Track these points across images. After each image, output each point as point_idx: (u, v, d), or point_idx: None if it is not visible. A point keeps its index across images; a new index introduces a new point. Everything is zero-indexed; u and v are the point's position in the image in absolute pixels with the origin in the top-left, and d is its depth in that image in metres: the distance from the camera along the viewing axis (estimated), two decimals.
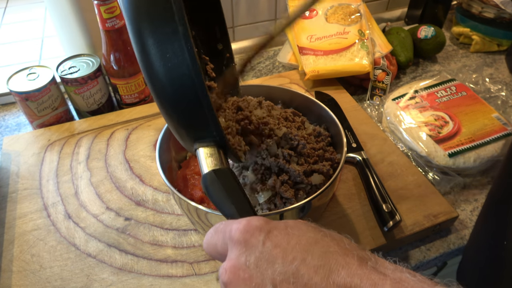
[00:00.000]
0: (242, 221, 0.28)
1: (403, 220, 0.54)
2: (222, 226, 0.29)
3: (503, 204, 0.44)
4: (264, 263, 0.25)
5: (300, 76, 0.83)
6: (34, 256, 0.52)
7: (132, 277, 0.50)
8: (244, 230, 0.27)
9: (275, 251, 0.26)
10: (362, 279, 0.24)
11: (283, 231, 0.27)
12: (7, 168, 0.64)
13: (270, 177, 0.47)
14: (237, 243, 0.27)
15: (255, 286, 0.25)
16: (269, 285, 0.25)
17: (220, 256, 0.29)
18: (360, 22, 0.83)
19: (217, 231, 0.30)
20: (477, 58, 0.95)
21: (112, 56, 0.69)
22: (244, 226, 0.27)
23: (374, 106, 0.78)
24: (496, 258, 0.45)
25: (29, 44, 1.00)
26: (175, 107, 0.35)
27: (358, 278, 0.24)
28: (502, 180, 0.45)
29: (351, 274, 0.24)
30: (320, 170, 0.48)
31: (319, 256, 0.25)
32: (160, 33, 0.31)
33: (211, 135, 0.35)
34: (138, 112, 0.74)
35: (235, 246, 0.27)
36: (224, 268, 0.27)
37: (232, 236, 0.27)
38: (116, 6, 0.64)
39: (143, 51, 0.32)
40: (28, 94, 0.65)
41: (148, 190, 0.60)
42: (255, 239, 0.26)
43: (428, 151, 0.64)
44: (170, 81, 0.33)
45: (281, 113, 0.54)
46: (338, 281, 0.24)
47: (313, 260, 0.25)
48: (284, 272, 0.25)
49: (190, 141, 0.36)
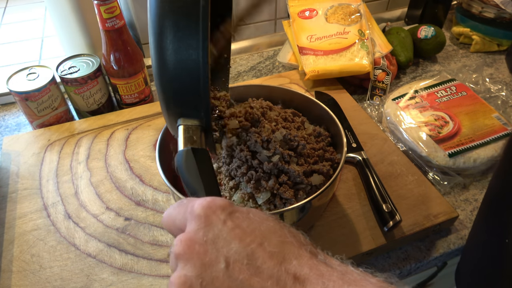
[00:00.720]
0: (207, 198, 0.28)
1: (403, 220, 0.54)
2: (186, 200, 0.30)
3: (501, 203, 0.44)
4: (222, 241, 0.26)
5: (300, 76, 0.83)
6: (34, 256, 0.52)
7: (132, 277, 0.50)
8: (207, 206, 0.27)
9: (235, 231, 0.26)
10: (311, 269, 0.25)
11: (245, 215, 0.28)
12: (7, 168, 0.64)
13: (269, 180, 0.47)
14: (197, 217, 0.27)
15: (208, 262, 0.25)
16: (222, 262, 0.25)
17: (176, 230, 0.29)
18: (360, 22, 0.83)
19: (180, 204, 0.30)
20: (477, 58, 0.95)
21: (112, 56, 0.69)
22: (208, 203, 0.27)
23: (374, 106, 0.78)
24: (495, 257, 0.45)
25: (29, 44, 1.00)
26: (174, 80, 0.35)
27: (307, 268, 0.25)
28: (498, 179, 0.46)
29: (302, 264, 0.25)
30: (320, 170, 0.48)
31: (275, 244, 0.26)
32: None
33: (198, 115, 0.36)
34: (138, 112, 0.74)
35: (195, 220, 0.27)
36: (180, 240, 0.27)
37: (194, 210, 0.27)
38: (116, 6, 0.64)
39: (159, 19, 0.33)
40: (28, 94, 0.65)
41: (148, 190, 0.60)
42: (217, 216, 0.27)
43: (428, 151, 0.64)
44: (176, 56, 0.34)
45: (281, 114, 0.54)
46: (289, 269, 0.25)
47: (269, 246, 0.26)
48: (239, 252, 0.25)
49: (175, 116, 0.37)
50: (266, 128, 0.48)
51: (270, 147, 0.47)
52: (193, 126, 0.36)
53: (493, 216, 0.46)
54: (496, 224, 0.45)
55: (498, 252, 0.44)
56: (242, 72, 0.91)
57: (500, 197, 0.44)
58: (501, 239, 0.42)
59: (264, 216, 0.28)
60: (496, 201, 0.45)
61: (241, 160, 0.47)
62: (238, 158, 0.48)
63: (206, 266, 0.25)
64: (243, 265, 0.25)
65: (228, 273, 0.25)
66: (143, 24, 0.85)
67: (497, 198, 0.45)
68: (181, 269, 0.26)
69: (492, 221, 0.47)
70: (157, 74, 0.35)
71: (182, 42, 0.33)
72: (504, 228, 0.42)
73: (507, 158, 0.43)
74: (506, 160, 0.44)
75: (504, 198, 0.43)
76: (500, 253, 0.43)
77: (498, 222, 0.45)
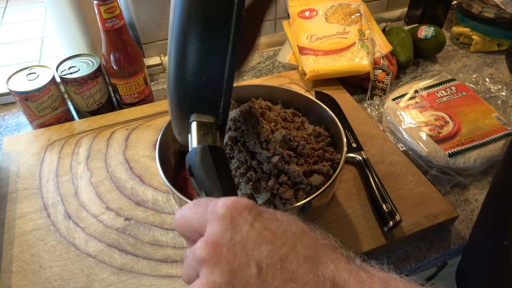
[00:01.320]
0: (231, 198, 0.26)
1: (403, 220, 0.54)
2: (204, 200, 0.27)
3: (501, 204, 0.44)
4: (251, 243, 0.24)
5: (300, 76, 0.83)
6: (34, 256, 0.52)
7: (132, 277, 0.50)
8: (233, 206, 0.25)
9: (264, 233, 0.24)
10: (351, 275, 0.23)
11: (273, 216, 0.26)
12: (7, 168, 0.64)
13: (267, 180, 0.47)
14: (221, 218, 0.25)
15: (237, 267, 0.23)
16: (253, 267, 0.23)
17: (192, 233, 0.27)
18: (360, 22, 0.83)
19: (197, 204, 0.27)
20: (477, 58, 0.95)
21: (112, 56, 0.69)
22: (233, 203, 0.25)
23: (374, 106, 0.78)
24: (496, 258, 0.45)
25: (29, 44, 1.00)
26: (198, 74, 0.34)
27: (346, 273, 0.23)
28: (499, 179, 0.45)
29: (340, 268, 0.23)
30: (320, 170, 0.48)
31: (309, 246, 0.24)
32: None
33: (215, 111, 0.34)
34: (138, 112, 0.74)
35: (219, 221, 0.25)
36: (205, 242, 0.24)
37: (217, 211, 0.25)
38: (116, 6, 0.64)
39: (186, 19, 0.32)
40: (28, 94, 0.65)
41: (148, 190, 0.60)
42: (243, 217, 0.25)
43: (428, 151, 0.64)
44: (203, 48, 0.33)
45: (280, 114, 0.54)
46: (326, 274, 0.23)
47: (303, 249, 0.24)
48: (272, 256, 0.23)
49: (188, 111, 0.35)
50: (265, 128, 0.48)
51: (269, 148, 0.47)
52: (208, 123, 0.34)
53: (493, 216, 0.46)
54: (496, 225, 0.45)
55: (498, 252, 0.44)
56: (241, 72, 0.90)
57: (500, 197, 0.44)
58: (501, 240, 0.42)
59: (291, 217, 0.26)
60: (496, 201, 0.45)
61: (240, 160, 0.47)
62: (237, 159, 0.48)
63: (236, 271, 0.23)
64: (276, 269, 0.23)
65: (261, 278, 0.23)
66: (143, 24, 0.85)
67: (498, 199, 0.45)
68: (208, 275, 0.23)
69: (492, 221, 0.47)
70: (176, 63, 0.34)
71: (211, 33, 0.32)
72: (504, 229, 0.42)
73: (508, 158, 0.43)
74: (507, 161, 0.44)
75: (505, 199, 0.43)
76: (500, 254, 0.43)
77: (498, 222, 0.45)
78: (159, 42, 0.89)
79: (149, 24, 0.85)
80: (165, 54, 0.91)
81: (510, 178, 0.42)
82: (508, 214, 0.42)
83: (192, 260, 0.25)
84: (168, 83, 0.36)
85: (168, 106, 0.39)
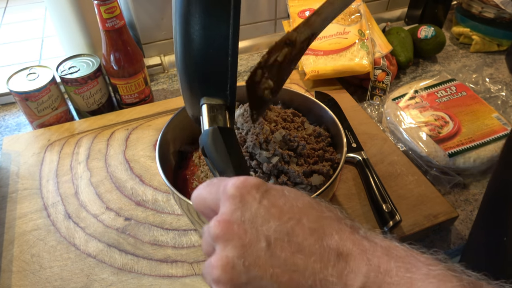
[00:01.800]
0: (240, 178, 0.27)
1: (403, 220, 0.54)
2: (217, 180, 0.29)
3: (500, 204, 0.44)
4: (260, 219, 0.25)
5: (300, 76, 0.83)
6: (34, 256, 0.52)
7: (132, 277, 0.50)
8: (242, 185, 0.27)
9: (272, 209, 0.26)
10: (354, 244, 0.24)
11: (280, 192, 0.27)
12: (7, 168, 0.64)
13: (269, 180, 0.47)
14: (231, 197, 0.26)
15: (248, 242, 0.25)
16: (263, 241, 0.25)
17: (207, 210, 0.29)
18: (360, 22, 0.83)
19: (210, 184, 0.29)
20: (477, 58, 0.95)
21: (112, 56, 0.69)
22: (241, 182, 0.27)
23: (374, 106, 0.78)
24: (495, 254, 0.45)
25: (29, 44, 1.00)
26: (201, 56, 0.35)
27: (350, 243, 0.24)
28: (497, 180, 0.46)
29: (344, 238, 0.25)
30: (320, 170, 0.48)
31: (314, 219, 0.25)
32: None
33: (223, 93, 0.36)
34: (138, 112, 0.74)
35: (229, 200, 0.26)
36: (218, 221, 0.26)
37: (227, 190, 0.27)
38: (116, 6, 0.64)
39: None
40: (28, 94, 0.65)
41: (148, 190, 0.60)
42: (252, 196, 0.26)
43: (428, 151, 0.64)
44: (205, 31, 0.34)
45: (280, 114, 0.54)
46: (331, 244, 0.24)
47: (308, 222, 0.25)
48: (279, 230, 0.25)
49: (198, 95, 0.37)
50: (265, 129, 0.48)
51: (269, 148, 0.47)
52: (217, 105, 0.36)
53: (491, 215, 0.46)
54: (494, 223, 0.45)
55: (497, 249, 0.44)
56: (242, 72, 0.91)
57: (498, 197, 0.44)
58: (500, 237, 0.42)
59: (299, 192, 0.28)
60: (494, 201, 0.45)
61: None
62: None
63: (247, 246, 0.25)
64: (284, 242, 0.25)
65: (270, 251, 0.24)
66: (143, 24, 0.85)
67: (495, 198, 0.45)
68: (222, 250, 0.25)
69: (490, 220, 0.47)
70: (182, 50, 0.35)
71: (212, 17, 0.33)
72: (502, 226, 0.42)
73: (503, 160, 0.43)
74: (503, 163, 0.44)
75: (503, 199, 0.43)
76: (498, 250, 0.44)
77: (496, 220, 0.45)
78: (159, 42, 0.89)
79: (149, 24, 0.85)
80: (165, 54, 0.91)
81: (506, 180, 0.42)
82: (507, 213, 0.42)
83: (208, 237, 0.27)
84: (177, 69, 0.37)
85: (180, 90, 0.40)
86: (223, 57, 0.34)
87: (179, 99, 0.77)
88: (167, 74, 0.90)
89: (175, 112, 0.55)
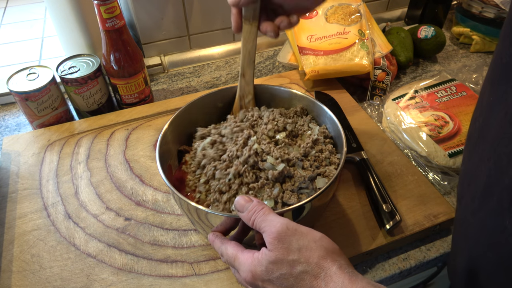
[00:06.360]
0: (249, 274, 0.36)
1: (403, 220, 0.54)
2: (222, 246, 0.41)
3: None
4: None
5: (300, 76, 0.83)
6: (34, 256, 0.52)
7: (132, 277, 0.50)
8: (250, 282, 0.37)
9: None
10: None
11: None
12: (7, 168, 0.64)
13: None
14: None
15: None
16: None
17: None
18: (360, 22, 0.83)
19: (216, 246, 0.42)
20: (477, 58, 0.95)
21: (112, 56, 0.69)
22: (250, 278, 0.37)
23: (374, 106, 0.78)
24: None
25: (29, 44, 1.01)
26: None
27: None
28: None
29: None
30: (326, 173, 0.48)
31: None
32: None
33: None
34: (138, 112, 0.74)
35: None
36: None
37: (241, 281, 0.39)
38: (116, 6, 0.64)
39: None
40: (28, 94, 0.65)
41: (148, 190, 0.60)
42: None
43: (428, 151, 0.64)
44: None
45: (278, 122, 0.54)
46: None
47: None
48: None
49: None
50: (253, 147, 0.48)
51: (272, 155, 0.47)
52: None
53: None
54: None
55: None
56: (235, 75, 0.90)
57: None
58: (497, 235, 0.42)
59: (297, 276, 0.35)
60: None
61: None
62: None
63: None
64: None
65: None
66: (143, 24, 0.85)
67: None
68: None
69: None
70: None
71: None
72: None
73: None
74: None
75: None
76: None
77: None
78: (159, 42, 0.89)
79: (149, 24, 0.85)
80: (165, 54, 0.91)
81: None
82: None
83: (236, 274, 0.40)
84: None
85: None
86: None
87: (179, 99, 0.77)
88: (167, 74, 0.90)
89: (175, 112, 0.55)
